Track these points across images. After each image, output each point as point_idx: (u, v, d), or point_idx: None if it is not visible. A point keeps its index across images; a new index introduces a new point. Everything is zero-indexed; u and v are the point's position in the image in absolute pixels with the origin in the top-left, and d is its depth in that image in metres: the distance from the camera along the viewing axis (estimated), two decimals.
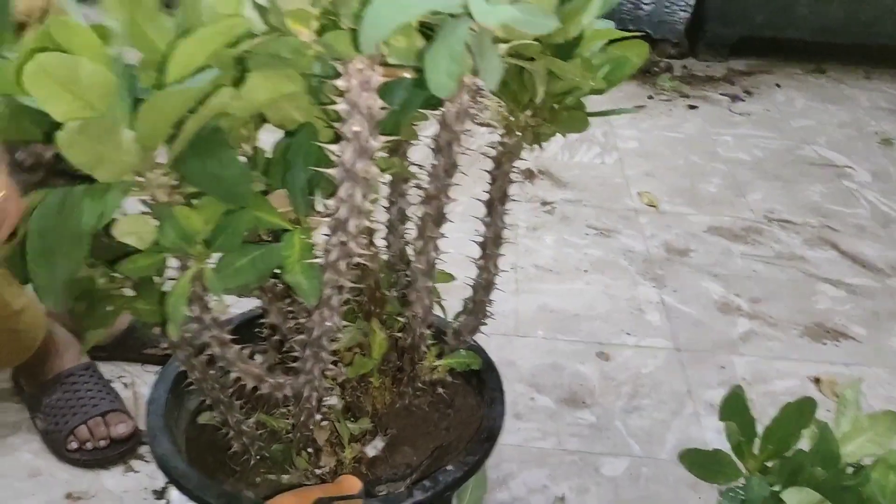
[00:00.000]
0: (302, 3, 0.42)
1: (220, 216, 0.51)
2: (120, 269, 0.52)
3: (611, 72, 0.64)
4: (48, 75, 0.36)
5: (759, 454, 0.61)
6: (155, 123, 0.42)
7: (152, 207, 0.50)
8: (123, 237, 0.49)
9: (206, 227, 0.51)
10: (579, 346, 1.33)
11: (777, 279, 1.55)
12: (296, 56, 0.44)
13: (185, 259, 0.53)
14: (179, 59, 0.40)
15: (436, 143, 0.62)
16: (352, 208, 0.51)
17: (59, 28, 0.40)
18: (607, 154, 2.04)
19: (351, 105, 0.47)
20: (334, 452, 0.71)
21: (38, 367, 1.11)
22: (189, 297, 0.57)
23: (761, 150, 2.11)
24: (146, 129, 0.41)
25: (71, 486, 1.03)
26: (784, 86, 2.57)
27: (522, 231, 1.65)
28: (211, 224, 0.51)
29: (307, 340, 0.61)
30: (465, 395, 0.82)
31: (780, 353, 1.35)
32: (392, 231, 0.77)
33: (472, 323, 0.77)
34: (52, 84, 0.36)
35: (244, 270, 0.53)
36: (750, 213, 1.79)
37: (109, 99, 0.39)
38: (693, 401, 1.22)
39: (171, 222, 0.49)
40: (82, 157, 0.39)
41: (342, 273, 0.55)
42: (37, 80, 0.36)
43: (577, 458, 1.10)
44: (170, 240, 0.49)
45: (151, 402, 0.74)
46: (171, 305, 0.53)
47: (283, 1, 0.42)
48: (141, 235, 0.49)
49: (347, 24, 0.43)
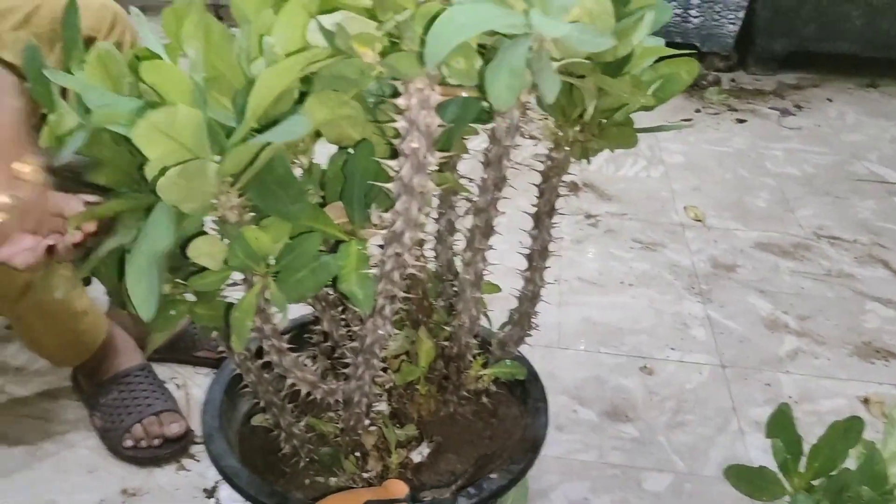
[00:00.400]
0: (366, 26, 0.44)
1: (287, 237, 0.54)
2: (192, 283, 0.55)
3: (660, 88, 0.65)
4: (155, 129, 0.39)
5: (805, 472, 0.60)
6: (240, 158, 0.44)
7: (222, 228, 0.52)
8: (199, 259, 0.52)
9: (274, 247, 0.53)
10: (622, 360, 1.33)
11: (826, 297, 1.53)
12: (360, 77, 0.46)
13: (251, 275, 0.55)
14: (258, 93, 0.42)
15: (486, 158, 0.63)
16: (408, 221, 0.53)
17: (151, 70, 0.43)
18: (653, 167, 2.03)
19: (410, 123, 0.49)
20: (381, 457, 0.73)
21: (96, 366, 1.15)
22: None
23: (811, 166, 2.08)
24: (231, 163, 0.44)
25: (126, 483, 1.07)
26: (835, 100, 2.53)
27: (566, 243, 1.65)
28: (279, 244, 0.53)
29: (359, 347, 0.63)
30: (508, 405, 0.83)
31: (828, 371, 1.33)
32: (440, 242, 0.78)
33: (517, 334, 0.79)
34: (155, 133, 0.39)
35: (304, 281, 0.55)
36: (799, 228, 1.77)
37: (200, 139, 0.42)
38: (738, 418, 1.21)
39: (240, 243, 0.51)
40: (176, 195, 0.42)
41: (396, 283, 0.57)
42: (145, 134, 0.39)
43: (619, 472, 1.10)
44: (239, 260, 0.52)
45: (207, 403, 0.77)
46: (237, 320, 0.55)
47: (349, 25, 0.44)
48: (213, 256, 0.52)
49: (410, 46, 0.45)
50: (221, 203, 0.49)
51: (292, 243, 0.54)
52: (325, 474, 0.74)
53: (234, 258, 0.52)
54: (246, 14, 0.50)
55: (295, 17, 0.49)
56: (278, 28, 0.49)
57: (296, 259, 0.54)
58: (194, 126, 0.41)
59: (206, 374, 1.26)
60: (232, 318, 0.56)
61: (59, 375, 1.25)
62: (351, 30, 0.44)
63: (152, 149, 0.40)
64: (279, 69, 0.42)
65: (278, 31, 0.48)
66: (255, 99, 0.43)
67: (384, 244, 0.55)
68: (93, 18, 1.13)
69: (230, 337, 0.62)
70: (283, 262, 0.54)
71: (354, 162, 0.56)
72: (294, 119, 0.43)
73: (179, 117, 0.40)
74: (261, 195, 0.52)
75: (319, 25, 0.45)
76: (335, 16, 0.46)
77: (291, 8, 0.49)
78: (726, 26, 2.56)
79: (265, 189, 0.51)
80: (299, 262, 0.54)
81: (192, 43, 0.45)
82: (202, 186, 0.44)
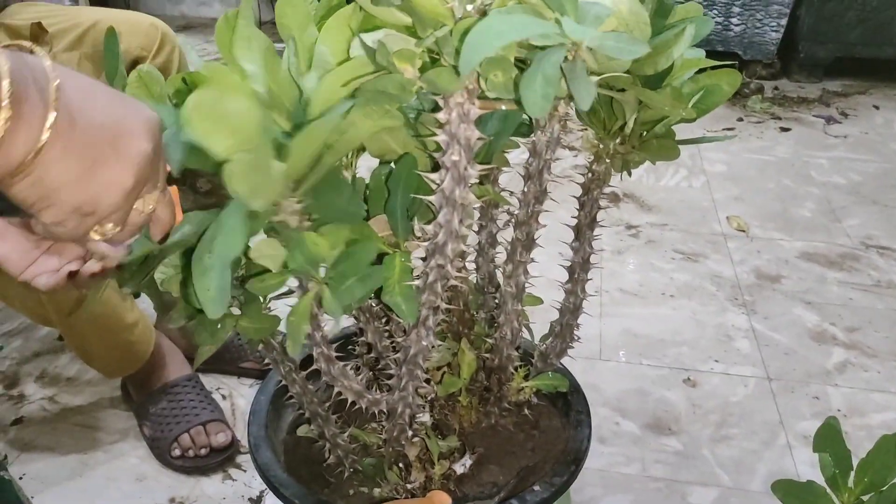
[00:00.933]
0: (406, 43, 0.45)
1: (344, 243, 0.55)
2: (251, 287, 0.56)
3: (701, 100, 0.65)
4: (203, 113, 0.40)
5: (855, 487, 0.59)
6: (303, 155, 0.45)
7: (282, 232, 0.53)
8: (260, 259, 0.53)
9: (332, 253, 0.54)
10: (665, 372, 1.31)
11: (875, 308, 1.49)
12: (401, 92, 0.47)
13: (307, 280, 0.56)
14: (321, 95, 0.44)
15: (526, 171, 0.64)
16: (450, 233, 0.54)
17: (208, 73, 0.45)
18: (694, 177, 2.01)
19: (450, 136, 0.50)
20: (424, 468, 0.74)
21: (145, 377, 1.18)
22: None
23: (858, 174, 2.04)
24: (295, 160, 0.45)
25: (174, 491, 1.09)
26: (882, 107, 2.48)
27: (607, 254, 1.65)
28: (336, 250, 0.55)
29: (403, 358, 0.64)
30: (550, 417, 0.83)
31: (878, 384, 1.30)
32: (482, 254, 0.79)
33: (559, 346, 0.79)
34: (207, 121, 0.40)
35: (353, 289, 0.56)
36: (846, 238, 1.73)
37: (259, 134, 0.43)
38: (785, 431, 1.19)
39: (300, 247, 0.53)
40: (243, 187, 0.43)
41: (439, 294, 0.57)
42: (197, 117, 0.40)
43: (663, 486, 1.09)
44: (298, 263, 0.53)
45: (253, 413, 0.78)
46: (292, 324, 0.57)
47: (390, 42, 0.45)
48: (273, 258, 0.53)
49: (448, 61, 0.46)
50: (283, 207, 0.51)
51: (349, 250, 0.55)
52: (368, 485, 0.75)
53: (294, 261, 0.53)
54: (291, 30, 0.51)
55: (338, 33, 0.50)
56: (322, 43, 0.51)
57: (350, 267, 0.55)
58: (252, 118, 0.41)
59: (251, 385, 1.28)
60: (288, 323, 0.57)
61: (110, 386, 1.28)
62: (391, 47, 0.45)
63: (211, 141, 0.40)
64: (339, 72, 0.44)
65: (322, 46, 0.50)
66: (318, 99, 0.44)
67: (427, 256, 0.56)
68: (142, 38, 1.17)
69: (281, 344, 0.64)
70: (338, 268, 0.56)
71: (398, 175, 0.57)
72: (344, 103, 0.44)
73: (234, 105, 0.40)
74: (319, 201, 0.53)
75: (361, 42, 0.46)
76: (377, 34, 0.48)
77: (335, 24, 0.50)
78: (768, 34, 2.53)
79: (322, 195, 0.53)
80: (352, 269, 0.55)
81: (248, 57, 0.47)
82: (268, 184, 0.45)
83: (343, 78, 0.45)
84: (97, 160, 0.40)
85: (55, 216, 0.41)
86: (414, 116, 0.60)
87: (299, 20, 0.51)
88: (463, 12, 0.44)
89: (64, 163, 0.39)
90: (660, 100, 0.58)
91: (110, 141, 0.41)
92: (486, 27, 0.40)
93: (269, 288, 0.56)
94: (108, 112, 0.41)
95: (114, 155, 0.41)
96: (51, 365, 1.35)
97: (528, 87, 0.41)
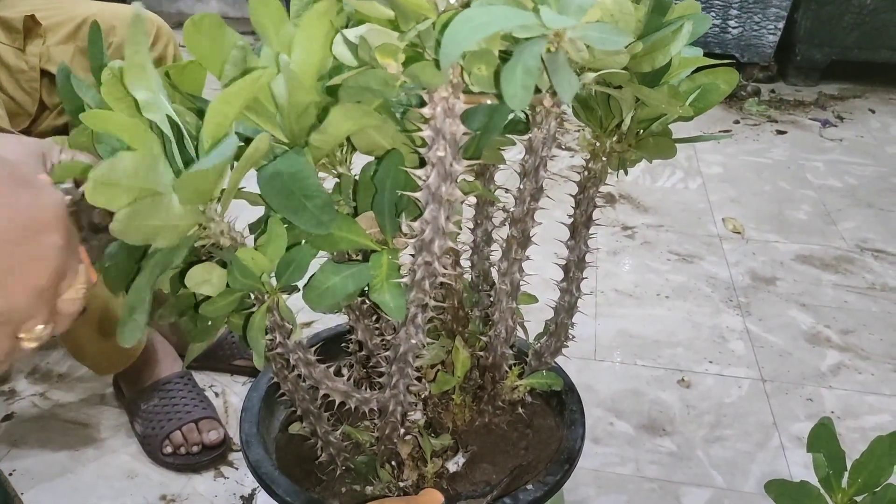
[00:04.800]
0: (389, 38, 0.45)
1: (282, 252, 0.54)
2: (203, 311, 0.55)
3: (698, 98, 0.65)
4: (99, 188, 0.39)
5: (848, 488, 0.59)
6: (196, 190, 0.44)
7: (218, 253, 0.52)
8: (197, 288, 0.52)
9: (271, 265, 0.53)
10: (659, 373, 1.31)
11: (869, 311, 1.49)
12: (384, 87, 0.46)
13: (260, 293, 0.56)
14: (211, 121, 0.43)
15: (522, 168, 0.64)
16: (436, 229, 0.53)
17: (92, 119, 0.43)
18: (691, 179, 2.01)
19: (435, 131, 0.49)
20: (416, 467, 0.73)
21: (137, 374, 1.18)
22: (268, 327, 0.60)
23: (854, 177, 2.04)
24: (188, 196, 0.44)
25: (165, 489, 1.08)
26: (878, 111, 2.48)
27: (603, 255, 1.64)
28: (275, 261, 0.53)
29: (393, 357, 0.63)
30: (544, 416, 0.83)
31: (872, 387, 1.30)
32: (476, 252, 0.79)
33: (554, 344, 0.78)
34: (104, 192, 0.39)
35: (336, 289, 0.56)
36: (841, 241, 1.73)
37: (153, 176, 0.41)
38: (779, 433, 1.19)
39: (237, 265, 0.52)
40: (138, 237, 0.42)
41: (427, 292, 0.57)
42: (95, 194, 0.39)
43: (657, 487, 1.09)
44: (239, 283, 0.52)
45: (245, 410, 0.77)
46: (252, 339, 0.56)
47: (372, 37, 0.44)
48: (212, 282, 0.52)
49: (431, 55, 0.45)
50: (212, 231, 0.49)
51: (287, 256, 0.54)
52: (361, 483, 0.74)
53: (234, 280, 0.52)
54: (266, 30, 0.50)
55: (314, 31, 0.49)
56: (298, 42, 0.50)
57: (293, 274, 0.55)
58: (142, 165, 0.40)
59: (243, 383, 1.28)
60: (248, 338, 0.57)
61: (102, 382, 1.27)
62: (373, 42, 0.44)
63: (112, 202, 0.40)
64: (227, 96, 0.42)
65: (298, 45, 0.49)
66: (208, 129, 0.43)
67: (414, 253, 0.56)
68: None
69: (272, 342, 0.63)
70: (283, 279, 0.55)
71: (384, 171, 0.57)
72: (228, 142, 0.43)
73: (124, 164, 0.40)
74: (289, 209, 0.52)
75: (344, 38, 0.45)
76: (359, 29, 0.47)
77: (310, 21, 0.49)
78: (766, 36, 2.53)
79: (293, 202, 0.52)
80: (298, 276, 0.55)
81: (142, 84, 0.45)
82: (168, 221, 0.44)
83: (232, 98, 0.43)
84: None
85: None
86: (401, 112, 0.59)
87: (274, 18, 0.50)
88: (446, 5, 0.44)
89: None
90: (657, 97, 0.58)
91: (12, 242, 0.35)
92: (465, 19, 0.39)
93: (220, 310, 0.55)
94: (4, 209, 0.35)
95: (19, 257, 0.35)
96: (42, 361, 1.34)
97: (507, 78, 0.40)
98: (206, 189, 0.45)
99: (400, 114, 0.58)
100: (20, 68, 1.07)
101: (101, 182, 0.39)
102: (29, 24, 1.07)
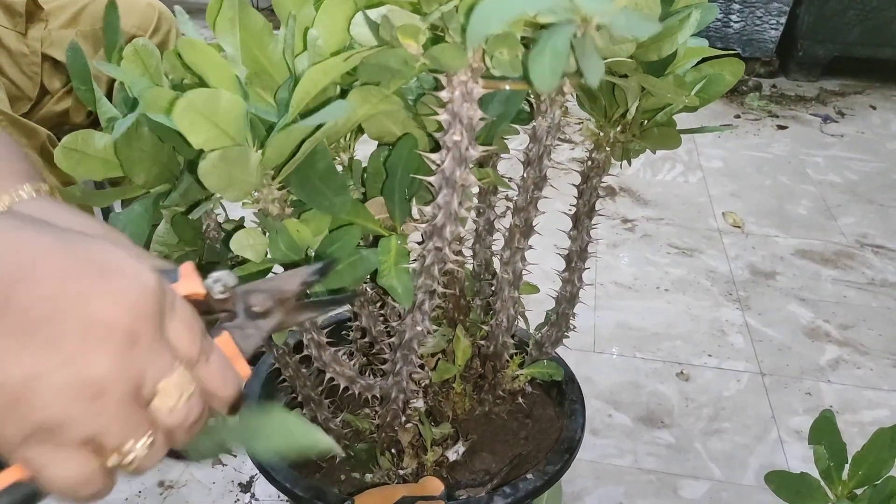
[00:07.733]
0: (411, 18, 0.45)
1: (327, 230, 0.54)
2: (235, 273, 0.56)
3: (703, 89, 0.65)
4: (195, 110, 0.39)
5: (849, 481, 0.59)
6: (282, 148, 0.45)
7: (264, 220, 0.53)
8: (241, 251, 0.52)
9: (315, 239, 0.53)
10: (658, 365, 1.31)
11: (868, 306, 1.50)
12: (404, 67, 0.46)
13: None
14: (303, 87, 0.43)
15: (526, 157, 0.63)
16: (449, 215, 0.53)
17: (187, 47, 0.44)
18: (691, 173, 2.01)
19: (452, 115, 0.49)
20: (416, 455, 0.73)
21: None
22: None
23: (854, 173, 2.04)
24: (273, 153, 0.45)
25: (163, 475, 1.08)
26: (879, 107, 2.48)
27: (602, 248, 1.64)
28: (320, 236, 0.54)
29: (398, 343, 0.63)
30: (543, 406, 0.83)
31: (871, 382, 1.30)
32: (479, 241, 0.79)
33: (554, 334, 0.78)
34: (196, 116, 0.39)
35: (344, 274, 0.55)
36: (841, 237, 1.73)
37: (242, 127, 0.42)
38: (777, 426, 1.19)
39: (282, 235, 0.52)
40: (217, 182, 0.42)
41: (435, 278, 0.57)
42: (185, 115, 0.39)
43: (655, 478, 1.09)
44: (280, 252, 0.52)
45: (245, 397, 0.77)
46: None
47: (394, 17, 0.44)
48: (255, 248, 0.52)
49: (453, 37, 0.45)
50: (263, 196, 0.50)
51: (333, 235, 0.54)
52: (360, 470, 0.74)
53: (276, 250, 0.52)
54: (288, 9, 0.50)
55: (336, 11, 0.50)
56: (319, 22, 0.50)
57: (336, 251, 0.54)
58: (236, 112, 0.41)
59: None
60: None
61: None
62: (395, 22, 0.44)
63: (194, 132, 0.40)
64: (326, 66, 0.43)
65: (319, 26, 0.49)
66: (299, 93, 0.43)
67: (424, 238, 0.56)
68: (138, 17, 1.16)
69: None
70: (323, 254, 0.55)
71: (397, 155, 0.57)
72: (336, 104, 0.43)
73: (222, 102, 0.40)
74: (303, 189, 0.52)
75: (365, 17, 0.45)
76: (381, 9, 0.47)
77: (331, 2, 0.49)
78: (768, 31, 2.53)
79: (307, 183, 0.52)
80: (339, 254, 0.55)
81: (228, 38, 0.46)
82: (243, 175, 0.44)
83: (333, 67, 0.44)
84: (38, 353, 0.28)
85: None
86: (413, 99, 0.59)
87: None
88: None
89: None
90: (663, 87, 0.58)
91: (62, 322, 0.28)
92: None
93: (252, 277, 0.55)
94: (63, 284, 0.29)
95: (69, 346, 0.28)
96: None
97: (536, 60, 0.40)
98: (289, 148, 0.46)
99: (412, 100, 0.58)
100: (22, 52, 1.06)
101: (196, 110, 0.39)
102: (31, 8, 1.07)
